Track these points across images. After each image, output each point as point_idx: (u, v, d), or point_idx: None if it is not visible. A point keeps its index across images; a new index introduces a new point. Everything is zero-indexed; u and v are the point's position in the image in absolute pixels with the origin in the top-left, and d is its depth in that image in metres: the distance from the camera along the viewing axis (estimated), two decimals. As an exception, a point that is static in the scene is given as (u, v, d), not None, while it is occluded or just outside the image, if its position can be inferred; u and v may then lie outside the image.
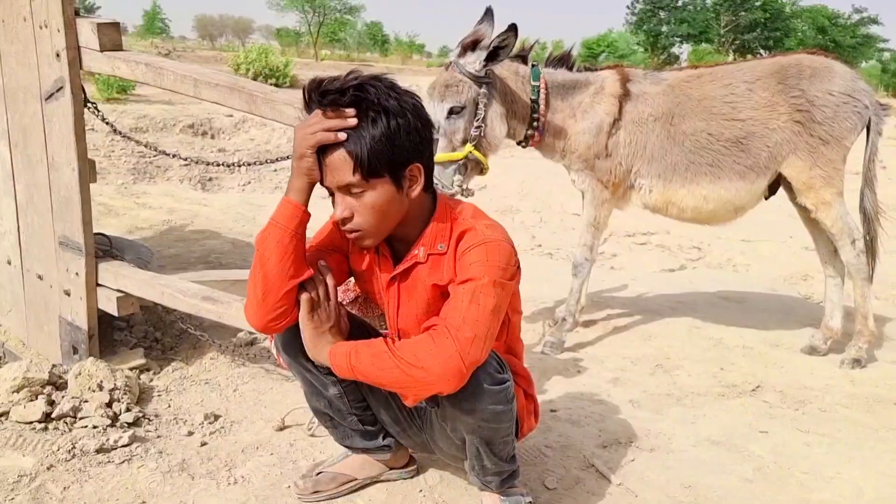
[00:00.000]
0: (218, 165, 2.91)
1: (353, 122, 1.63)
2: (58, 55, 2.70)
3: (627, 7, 50.15)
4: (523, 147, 3.62)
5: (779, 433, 2.75)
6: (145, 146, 3.11)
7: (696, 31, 46.82)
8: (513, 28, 3.13)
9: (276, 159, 3.00)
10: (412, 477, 2.26)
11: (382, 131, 1.63)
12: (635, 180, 3.58)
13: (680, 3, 48.60)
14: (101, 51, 2.68)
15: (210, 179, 7.87)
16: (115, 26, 2.72)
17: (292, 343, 1.91)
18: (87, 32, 2.69)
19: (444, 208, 1.85)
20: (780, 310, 4.45)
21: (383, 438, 2.16)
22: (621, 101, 3.49)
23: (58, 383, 2.69)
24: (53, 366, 2.78)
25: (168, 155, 3.11)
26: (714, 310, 4.35)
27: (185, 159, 3.20)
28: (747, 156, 3.44)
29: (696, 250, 6.03)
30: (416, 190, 1.75)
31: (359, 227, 1.74)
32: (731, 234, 5.88)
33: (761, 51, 45.44)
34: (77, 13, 2.71)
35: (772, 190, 3.63)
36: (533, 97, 3.40)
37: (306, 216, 1.77)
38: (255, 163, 2.97)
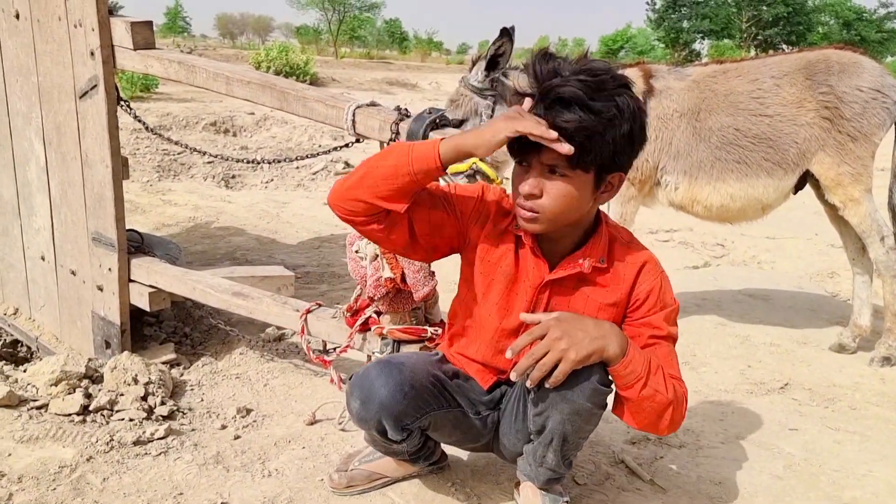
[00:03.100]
0: (248, 163, 2.94)
1: (568, 150, 1.54)
2: (92, 54, 2.75)
3: (647, 3, 49.74)
4: None
5: (809, 431, 2.74)
6: (176, 143, 3.15)
7: (717, 26, 46.39)
8: (505, 33, 3.11)
9: (304, 157, 3.02)
10: (442, 470, 2.28)
11: (614, 132, 1.58)
12: (661, 177, 3.57)
13: (701, -1, 48.18)
14: (135, 49, 2.72)
15: (233, 177, 7.93)
16: (149, 25, 2.76)
17: (365, 418, 1.88)
18: (120, 31, 2.73)
19: (603, 221, 1.83)
20: (807, 307, 4.42)
21: (425, 459, 2.15)
22: (645, 97, 3.48)
23: (94, 377, 2.75)
24: (89, 359, 2.82)
25: (198, 152, 3.14)
26: (740, 307, 4.33)
27: (215, 156, 3.23)
28: (775, 152, 3.42)
29: (719, 247, 6.00)
30: (608, 198, 1.72)
31: (540, 209, 1.66)
32: (756, 231, 5.84)
33: (784, 46, 44.95)
34: (111, 12, 2.75)
35: (798, 186, 3.61)
36: None
37: (437, 172, 1.66)
38: (283, 160, 3.00)
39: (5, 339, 3.38)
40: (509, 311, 1.86)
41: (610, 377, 1.72)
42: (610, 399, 1.78)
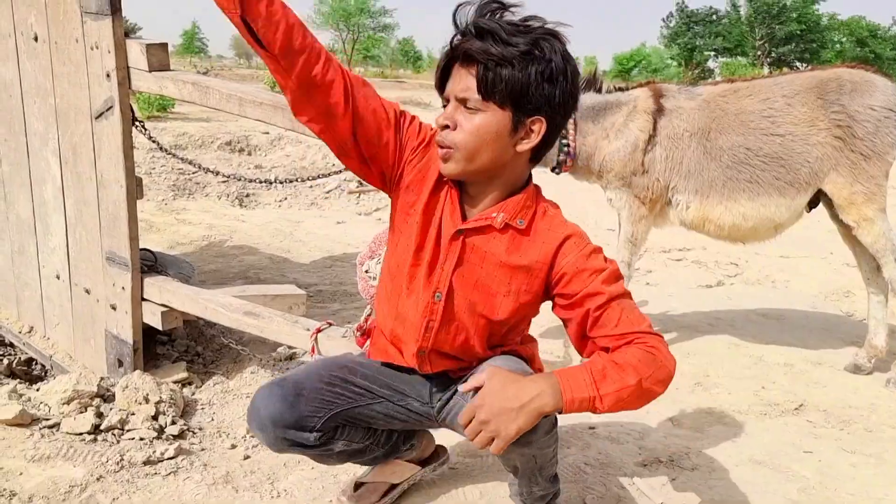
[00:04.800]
0: (261, 182, 2.97)
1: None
2: (108, 75, 2.79)
3: (662, 21, 49.96)
4: (557, 174, 3.63)
5: (823, 453, 2.71)
6: (189, 163, 3.19)
7: (730, 44, 46.46)
8: None
9: (317, 177, 3.04)
10: (444, 465, 2.30)
11: (531, 71, 1.53)
12: (672, 196, 3.56)
13: (714, 17, 48.31)
14: (150, 71, 2.76)
15: (247, 196, 7.98)
16: (163, 47, 2.80)
17: (273, 441, 1.79)
18: (136, 53, 2.77)
19: (536, 188, 1.75)
20: (822, 327, 4.37)
21: (404, 443, 2.11)
22: (655, 116, 3.49)
23: (106, 396, 2.76)
24: (101, 378, 2.84)
25: (212, 172, 3.18)
26: (753, 326, 4.29)
27: (228, 176, 3.26)
28: (787, 171, 3.41)
29: (733, 266, 5.96)
30: (527, 145, 1.62)
31: (452, 143, 1.60)
32: (770, 250, 5.80)
33: (797, 63, 44.90)
34: (127, 34, 2.80)
35: (812, 204, 3.59)
36: None
37: None
38: (296, 179, 3.02)
39: (20, 358, 3.40)
40: (420, 258, 1.74)
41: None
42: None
